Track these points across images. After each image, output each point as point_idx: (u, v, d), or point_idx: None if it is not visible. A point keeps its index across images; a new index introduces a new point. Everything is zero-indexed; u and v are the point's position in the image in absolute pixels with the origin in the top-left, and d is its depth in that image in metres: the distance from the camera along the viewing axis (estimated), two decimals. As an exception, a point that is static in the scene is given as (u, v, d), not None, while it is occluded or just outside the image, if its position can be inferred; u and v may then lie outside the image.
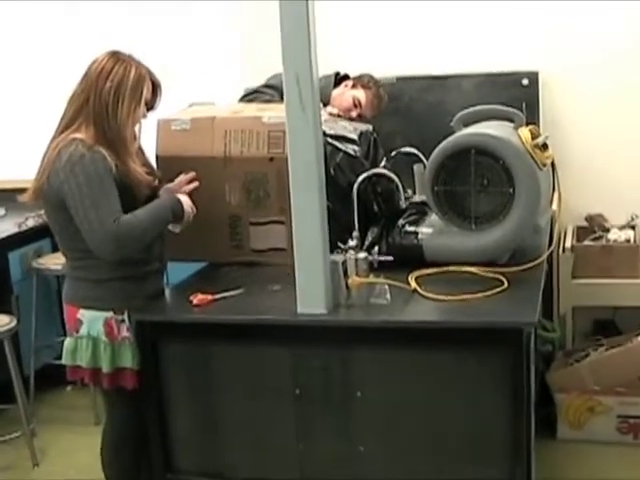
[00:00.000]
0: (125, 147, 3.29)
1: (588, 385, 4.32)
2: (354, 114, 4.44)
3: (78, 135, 3.24)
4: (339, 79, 4.57)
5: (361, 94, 4.49)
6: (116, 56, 3.31)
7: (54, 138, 3.30)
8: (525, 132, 3.46)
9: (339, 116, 4.26)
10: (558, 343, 4.61)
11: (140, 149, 3.47)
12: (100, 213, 3.16)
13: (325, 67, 3.25)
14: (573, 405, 4.33)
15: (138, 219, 3.25)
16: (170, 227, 3.44)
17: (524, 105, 4.49)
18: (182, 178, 3.54)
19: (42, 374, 5.13)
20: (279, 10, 2.94)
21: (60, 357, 4.62)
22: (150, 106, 3.43)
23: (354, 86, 4.51)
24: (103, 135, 3.25)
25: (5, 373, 4.46)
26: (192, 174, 3.54)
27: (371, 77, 4.55)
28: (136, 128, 3.37)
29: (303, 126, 2.98)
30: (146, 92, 3.34)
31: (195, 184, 3.53)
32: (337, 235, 3.21)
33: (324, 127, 3.33)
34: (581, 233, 4.84)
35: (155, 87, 3.41)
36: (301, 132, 2.99)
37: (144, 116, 3.39)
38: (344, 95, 4.50)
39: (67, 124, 3.29)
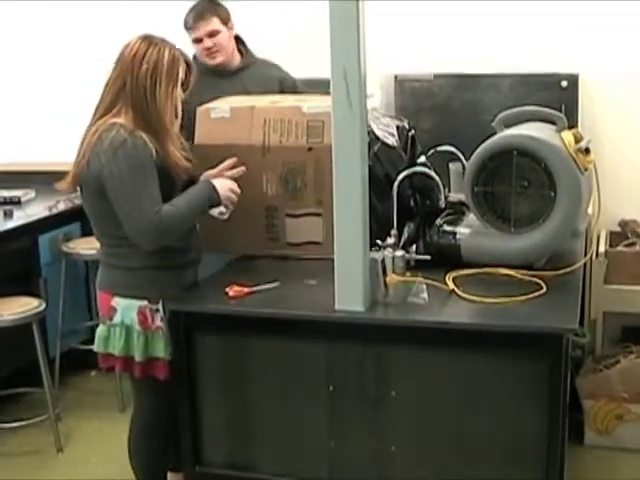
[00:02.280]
0: (165, 130, 3.28)
1: (617, 392, 4.29)
2: (208, 44, 4.35)
3: (118, 120, 3.23)
4: None
5: (193, 34, 4.37)
6: (149, 39, 3.29)
7: (92, 124, 3.29)
8: (568, 135, 3.44)
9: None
10: (588, 348, 4.58)
11: (177, 135, 3.45)
12: (142, 203, 3.15)
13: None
14: (602, 411, 4.30)
15: (178, 209, 3.23)
16: (217, 214, 3.43)
17: (563, 107, 4.46)
18: (224, 164, 3.52)
19: (66, 358, 5.13)
20: (329, 7, 2.93)
21: (85, 342, 4.64)
22: (185, 87, 3.41)
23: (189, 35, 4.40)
24: (142, 119, 3.23)
25: (30, 356, 4.46)
26: (233, 159, 3.52)
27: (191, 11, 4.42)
28: (176, 109, 3.36)
29: (350, 122, 2.96)
30: (181, 73, 3.33)
31: (239, 169, 3.51)
32: (372, 228, 3.18)
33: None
34: (614, 238, 4.80)
35: (189, 66, 3.39)
36: (347, 128, 2.97)
37: (181, 96, 3.38)
38: (195, 50, 4.38)
39: (105, 110, 3.27)
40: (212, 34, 4.35)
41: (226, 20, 4.39)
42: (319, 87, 4.04)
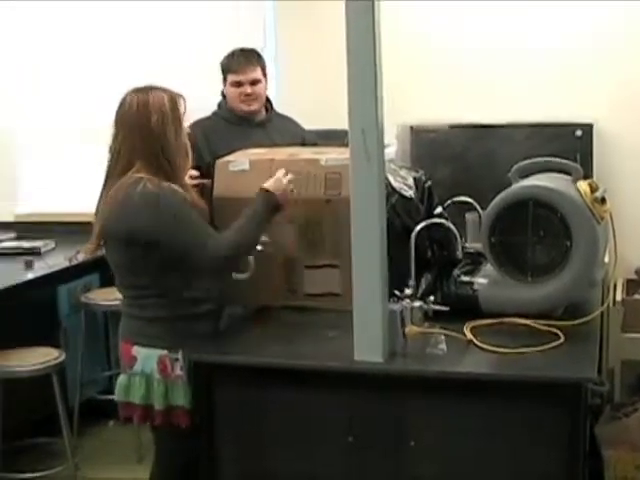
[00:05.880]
0: (181, 175, 3.36)
1: (637, 440, 4.26)
2: (248, 90, 4.42)
3: (139, 174, 3.26)
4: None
5: (236, 77, 4.44)
6: (143, 90, 3.34)
7: (111, 184, 3.31)
8: (584, 185, 3.46)
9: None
10: (606, 397, 4.57)
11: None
12: (206, 238, 3.27)
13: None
14: (621, 461, 4.27)
15: (235, 230, 3.35)
16: (238, 275, 3.52)
17: (578, 157, 4.49)
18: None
19: (85, 408, 5.15)
20: (347, 64, 2.98)
21: (104, 391, 4.64)
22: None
23: (225, 78, 4.47)
24: (161, 169, 3.28)
25: (50, 406, 4.48)
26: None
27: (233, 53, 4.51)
28: (186, 147, 3.41)
29: (367, 175, 2.99)
30: (182, 109, 3.38)
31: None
32: (390, 279, 3.19)
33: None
34: (631, 286, 4.81)
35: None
36: (365, 181, 3.01)
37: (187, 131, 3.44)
38: (228, 92, 4.47)
39: (123, 169, 3.29)
40: (254, 82, 4.43)
41: (265, 72, 4.50)
42: (330, 139, 4.12)
